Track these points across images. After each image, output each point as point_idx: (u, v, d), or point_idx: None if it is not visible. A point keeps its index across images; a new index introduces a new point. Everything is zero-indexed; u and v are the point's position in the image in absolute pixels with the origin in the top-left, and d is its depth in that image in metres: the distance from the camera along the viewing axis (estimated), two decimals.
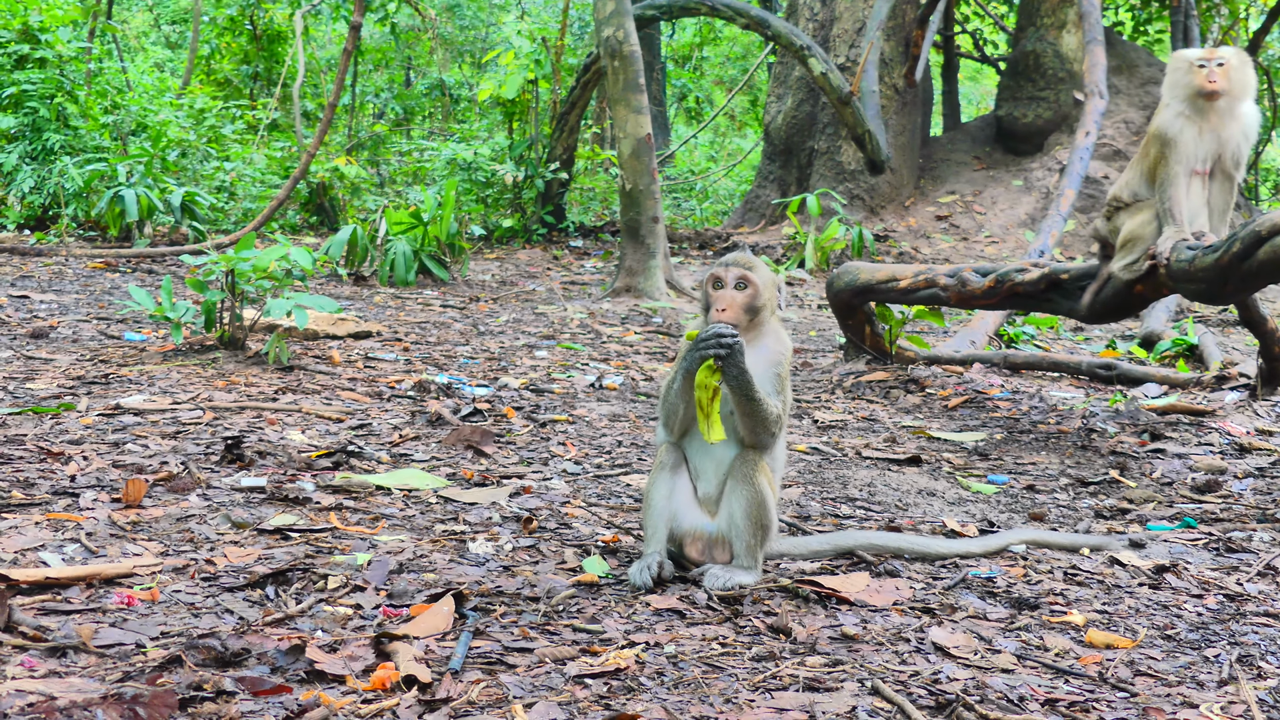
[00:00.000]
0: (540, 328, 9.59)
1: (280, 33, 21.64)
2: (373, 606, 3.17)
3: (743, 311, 3.52)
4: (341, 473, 4.61)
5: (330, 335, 8.20)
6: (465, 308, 10.59)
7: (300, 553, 3.58)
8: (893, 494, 4.92)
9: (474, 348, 8.34)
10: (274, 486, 4.29)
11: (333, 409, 5.86)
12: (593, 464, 5.18)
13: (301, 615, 3.05)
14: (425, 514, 4.17)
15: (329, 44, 25.80)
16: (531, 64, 16.89)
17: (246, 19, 21.67)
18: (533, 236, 16.88)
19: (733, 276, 3.53)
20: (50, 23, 15.21)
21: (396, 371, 7.14)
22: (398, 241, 11.96)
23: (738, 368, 3.39)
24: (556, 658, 2.86)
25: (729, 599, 3.38)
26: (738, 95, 28.21)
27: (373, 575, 3.40)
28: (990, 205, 17.42)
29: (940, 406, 7.01)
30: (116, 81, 16.62)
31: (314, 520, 3.96)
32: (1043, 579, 3.73)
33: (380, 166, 20.00)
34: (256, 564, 3.45)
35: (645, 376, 7.64)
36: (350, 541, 3.76)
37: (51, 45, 15.14)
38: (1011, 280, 6.78)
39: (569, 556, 3.74)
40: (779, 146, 18.45)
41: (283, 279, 7.02)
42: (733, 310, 3.51)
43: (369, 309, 10.04)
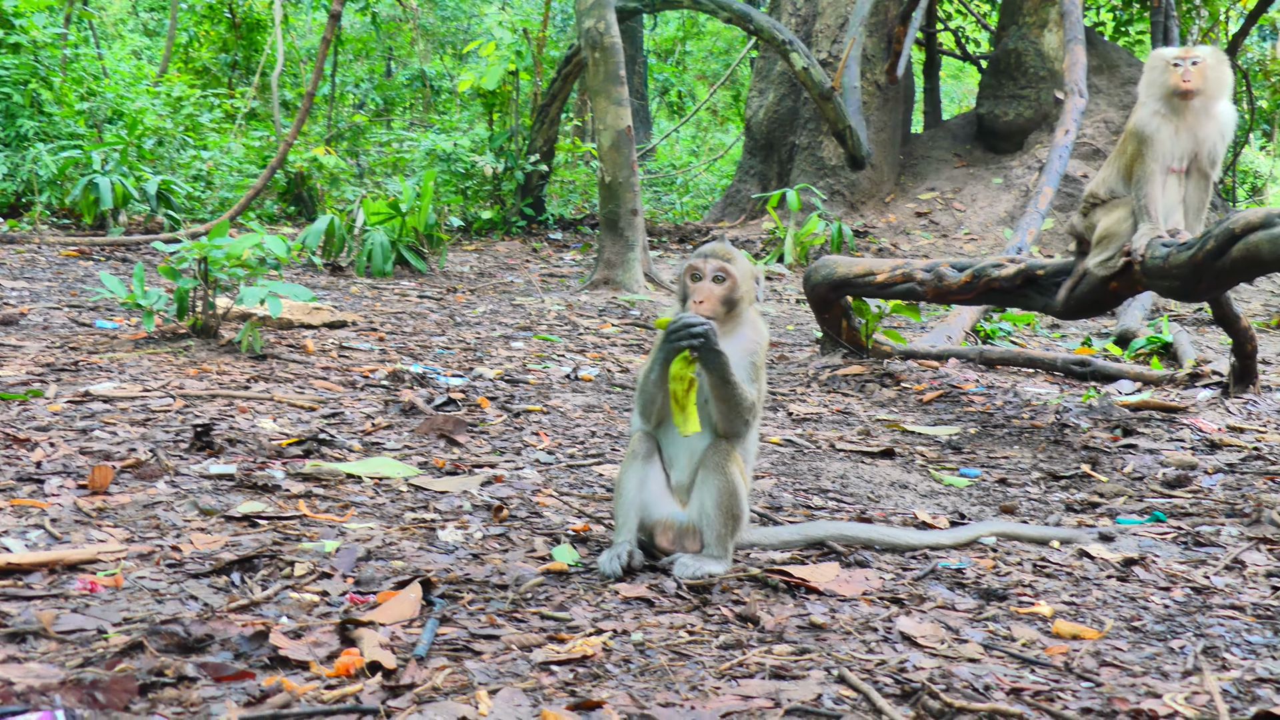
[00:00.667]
0: (517, 319, 9.58)
1: (259, 21, 21.53)
2: (339, 593, 3.16)
3: (720, 303, 3.52)
4: (312, 461, 4.59)
5: (305, 324, 8.17)
6: (442, 299, 10.57)
7: (268, 540, 3.56)
8: (865, 486, 4.93)
9: (450, 338, 8.32)
10: (243, 474, 4.27)
11: (305, 398, 5.84)
12: (566, 454, 5.17)
13: (267, 602, 3.04)
14: (395, 502, 4.16)
15: (309, 33, 25.68)
16: (512, 55, 16.86)
17: (225, 7, 21.56)
18: (512, 229, 16.86)
19: (711, 268, 3.53)
20: (25, 7, 15.09)
21: (371, 361, 7.12)
22: (375, 232, 11.93)
23: (714, 351, 3.40)
24: (523, 644, 2.86)
25: (698, 588, 3.38)
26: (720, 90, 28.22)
27: (340, 562, 3.39)
28: (970, 202, 17.48)
29: (915, 401, 7.03)
30: (92, 68, 16.49)
31: (283, 508, 3.95)
32: (1012, 571, 3.74)
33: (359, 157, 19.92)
34: (223, 551, 3.43)
35: (621, 368, 7.64)
36: (319, 529, 3.74)
37: (26, 30, 15.03)
38: (988, 276, 6.81)
39: (539, 545, 3.74)
40: (760, 141, 18.46)
41: (257, 267, 6.99)
42: (710, 302, 3.51)
43: (345, 299, 10.01)
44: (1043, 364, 8.05)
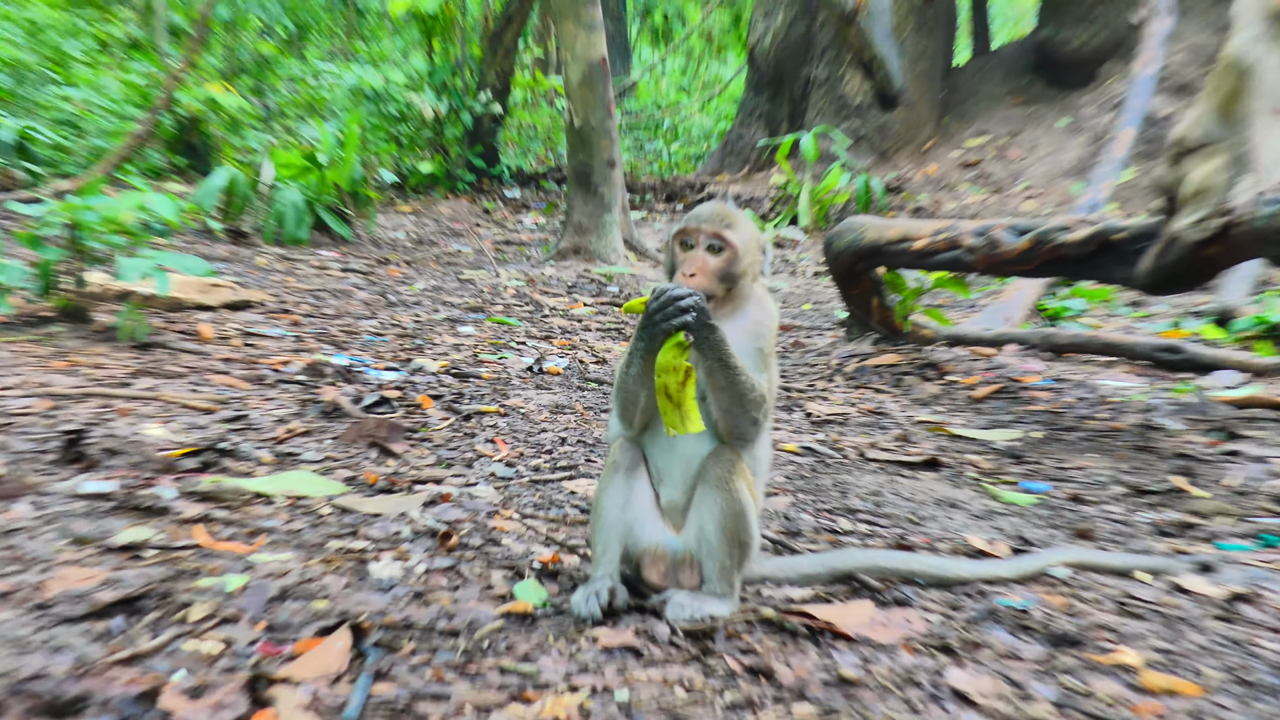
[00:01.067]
0: (465, 297, 9.55)
1: None
2: (248, 642, 3.13)
3: (716, 279, 3.51)
4: (211, 476, 4.57)
5: (200, 305, 8.14)
6: (371, 272, 10.54)
7: (156, 575, 3.54)
8: (904, 504, 4.92)
9: (381, 322, 8.29)
10: (125, 493, 4.25)
11: (201, 397, 5.81)
12: (529, 466, 5.15)
13: (157, 653, 3.02)
14: (316, 527, 4.14)
15: None
16: None
17: None
18: (457, 184, 16.85)
19: (705, 235, 3.53)
20: None
21: (283, 351, 7.09)
22: (287, 189, 11.89)
23: (708, 328, 3.39)
24: (480, 705, 2.84)
25: (697, 633, 3.36)
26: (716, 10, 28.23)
27: (248, 603, 3.36)
28: (1029, 150, 17.52)
29: (965, 397, 7.03)
30: None
31: (175, 535, 3.92)
32: (1089, 609, 3.74)
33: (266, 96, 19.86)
34: (101, 589, 3.40)
35: (597, 358, 7.62)
36: (220, 561, 3.72)
37: None
38: (1054, 240, 6.81)
39: (497, 580, 3.72)
40: (767, 75, 18.47)
41: (140, 234, 6.96)
42: (704, 276, 3.49)
43: (250, 273, 9.97)
44: (1123, 350, 8.06)
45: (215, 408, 5.66)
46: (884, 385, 7.29)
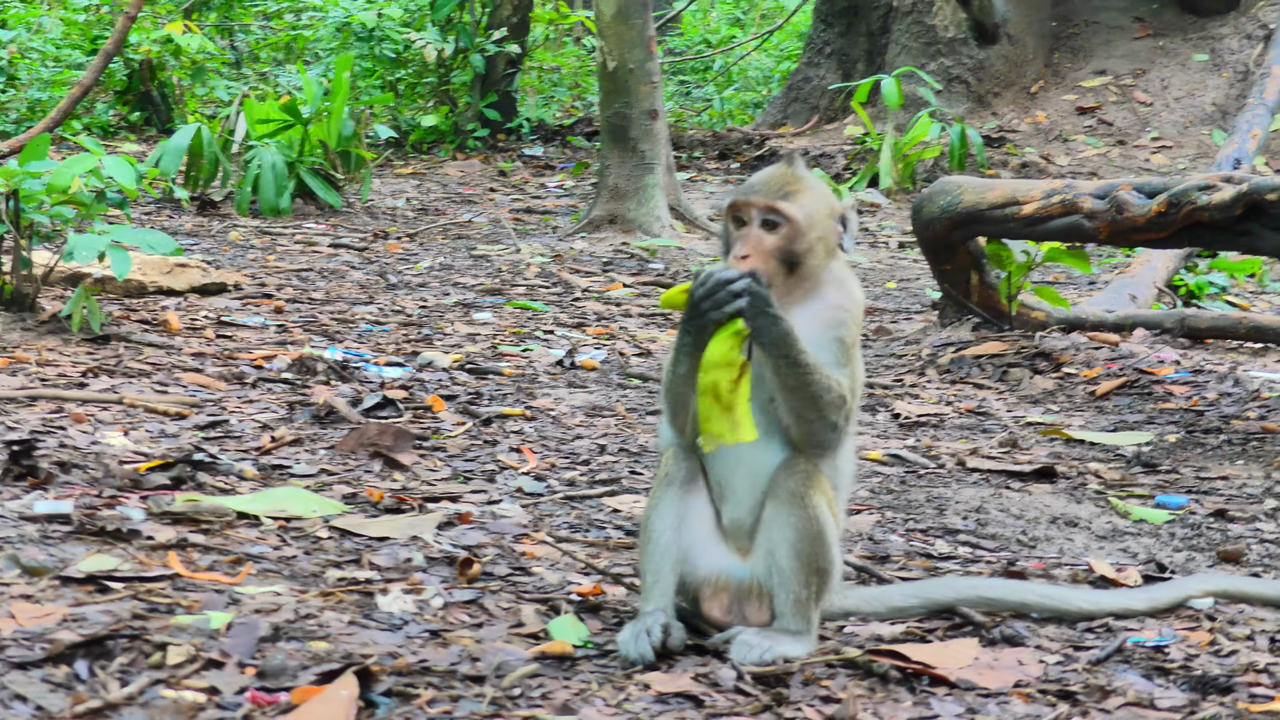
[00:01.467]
0: (480, 278, 9.60)
1: None
2: (235, 691, 3.17)
3: (774, 259, 3.53)
4: (185, 493, 4.61)
5: (165, 289, 8.20)
6: (367, 248, 10.60)
7: (125, 612, 3.59)
8: (1013, 523, 4.94)
9: (381, 308, 8.35)
10: (84, 514, 4.29)
11: (170, 399, 5.87)
12: (562, 480, 5.19)
13: (129, 703, 3.06)
14: (312, 554, 4.19)
15: None
16: None
17: None
18: (468, 141, 16.88)
19: (759, 209, 3.56)
20: None
21: (265, 344, 7.15)
22: (264, 149, 11.95)
23: (769, 318, 3.41)
24: None
25: (769, 678, 3.39)
26: None
27: (235, 644, 3.40)
28: (1159, 91, 17.44)
29: (1084, 393, 7.03)
30: None
31: (145, 564, 3.97)
32: (1238, 648, 3.75)
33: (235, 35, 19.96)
34: (60, 629, 3.45)
35: (639, 350, 7.66)
36: (200, 595, 3.76)
37: None
38: (1192, 203, 6.80)
39: (528, 616, 3.76)
40: (839, 3, 18.45)
41: (92, 204, 7.00)
42: (758, 257, 3.52)
43: (222, 250, 10.05)
44: (1276, 335, 8.04)
45: (187, 412, 5.71)
46: (986, 380, 7.29)
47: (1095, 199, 7.15)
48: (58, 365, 6.32)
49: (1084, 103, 17.47)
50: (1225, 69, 17.40)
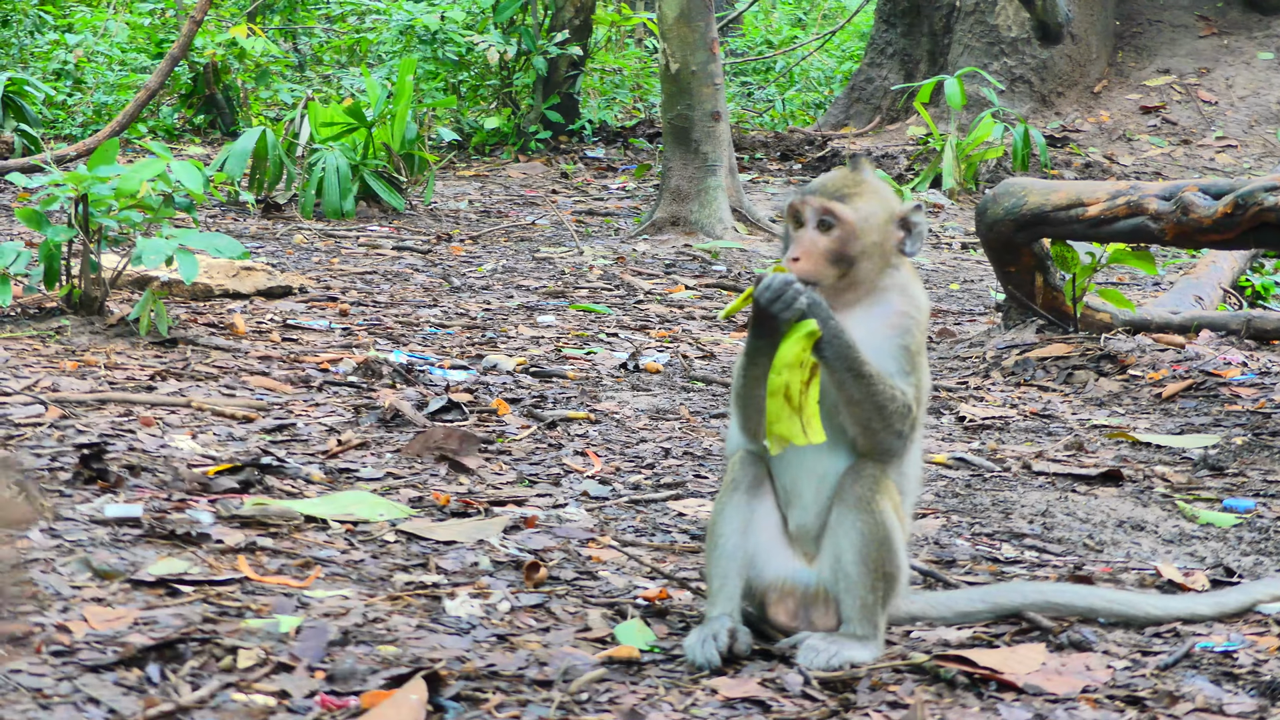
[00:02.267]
0: (543, 280, 9.62)
1: None
2: (305, 694, 3.20)
3: (827, 262, 3.53)
4: (253, 497, 4.65)
5: (231, 293, 8.26)
6: (430, 251, 10.64)
7: (196, 615, 3.62)
8: (1080, 527, 4.92)
9: (445, 311, 8.38)
10: (153, 517, 4.33)
11: (238, 403, 5.90)
12: (627, 484, 5.20)
13: (200, 706, 3.09)
14: (379, 558, 4.21)
15: None
16: None
17: None
18: (530, 143, 16.92)
19: (813, 210, 3.56)
20: None
21: (330, 347, 7.19)
22: (328, 152, 12.01)
23: (832, 331, 3.41)
24: None
25: (836, 684, 3.40)
26: None
27: (304, 648, 3.43)
28: (1225, 90, 17.33)
29: (1150, 395, 6.99)
30: None
31: (215, 567, 4.00)
32: None
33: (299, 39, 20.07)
34: (132, 632, 3.49)
35: (703, 352, 7.66)
36: (270, 599, 3.79)
37: None
38: (1259, 204, 6.76)
39: (595, 620, 3.77)
40: (901, 4, 18.41)
41: (160, 209, 7.06)
42: (811, 260, 3.53)
43: (287, 253, 10.11)
44: None
45: (254, 415, 5.75)
46: (1051, 382, 7.26)
47: (1160, 200, 7.12)
48: (126, 369, 6.37)
49: (1148, 102, 17.38)
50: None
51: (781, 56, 23.89)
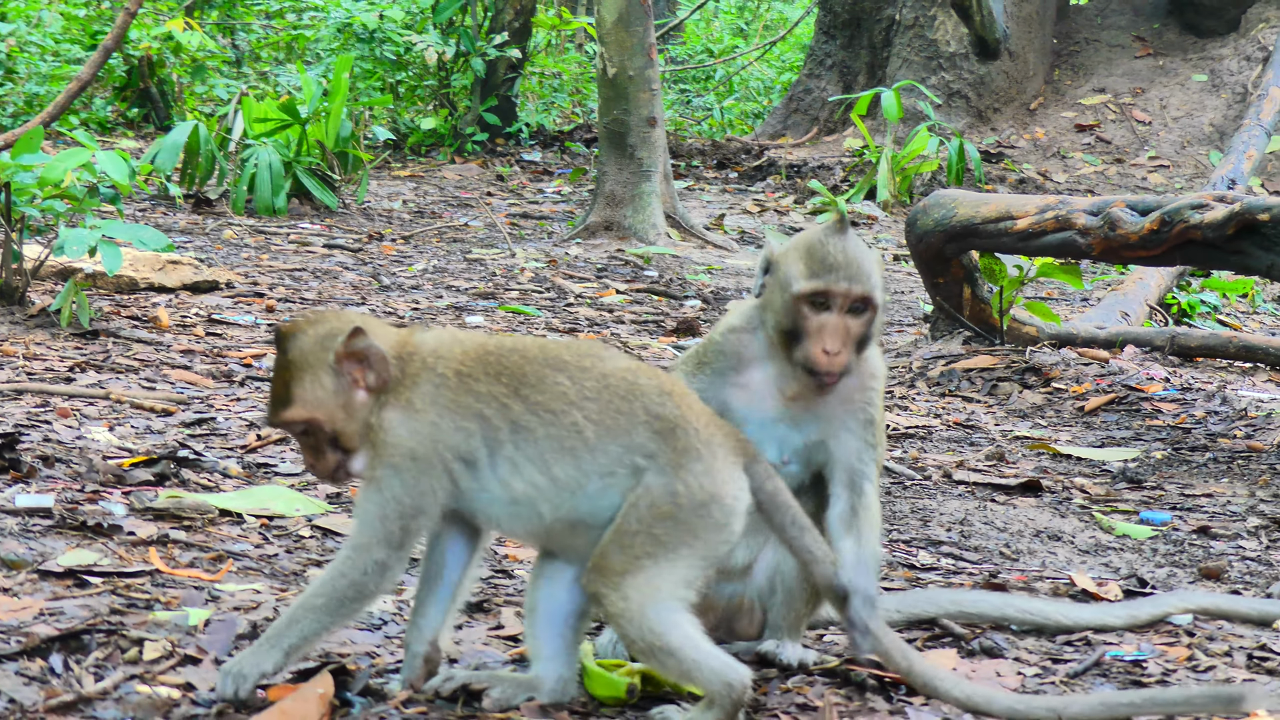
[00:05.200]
0: (474, 281, 9.60)
1: None
2: (211, 687, 3.18)
3: (854, 348, 3.44)
4: (169, 490, 4.62)
5: (156, 286, 8.20)
6: (361, 249, 10.60)
7: (103, 606, 3.59)
8: (997, 536, 4.94)
9: (373, 309, 8.34)
10: (65, 508, 4.30)
11: (157, 396, 5.87)
12: None
13: (103, 698, 3.06)
14: (294, 552, 4.19)
15: None
16: None
17: None
18: (466, 145, 16.89)
19: (849, 298, 3.40)
20: None
21: (255, 342, 7.15)
22: (261, 148, 11.95)
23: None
24: None
25: None
26: None
27: (213, 641, 3.41)
28: (1158, 111, 17.47)
29: (1073, 409, 7.03)
30: None
31: (125, 559, 3.98)
32: (1216, 664, 3.76)
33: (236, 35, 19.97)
34: (36, 622, 3.46)
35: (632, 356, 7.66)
36: (180, 591, 3.77)
37: None
38: (1185, 221, 6.81)
39: (508, 618, 3.77)
40: (841, 16, 18.48)
41: (85, 199, 7.01)
42: (845, 351, 3.40)
43: (216, 248, 10.05)
44: (1266, 354, 8.05)
45: (174, 409, 5.72)
46: (975, 393, 7.30)
47: (1089, 215, 7.17)
48: (45, 359, 6.32)
49: (1083, 120, 17.51)
50: (1224, 90, 17.44)
51: (721, 65, 23.94)
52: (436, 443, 3.09)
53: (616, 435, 3.10)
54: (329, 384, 3.11)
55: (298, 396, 3.12)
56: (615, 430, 3.11)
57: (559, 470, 3.09)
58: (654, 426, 3.12)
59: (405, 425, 3.10)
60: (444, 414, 3.10)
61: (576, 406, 3.12)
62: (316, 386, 3.12)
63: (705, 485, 3.11)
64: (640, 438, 3.11)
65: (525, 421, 3.11)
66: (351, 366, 3.11)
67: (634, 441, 3.11)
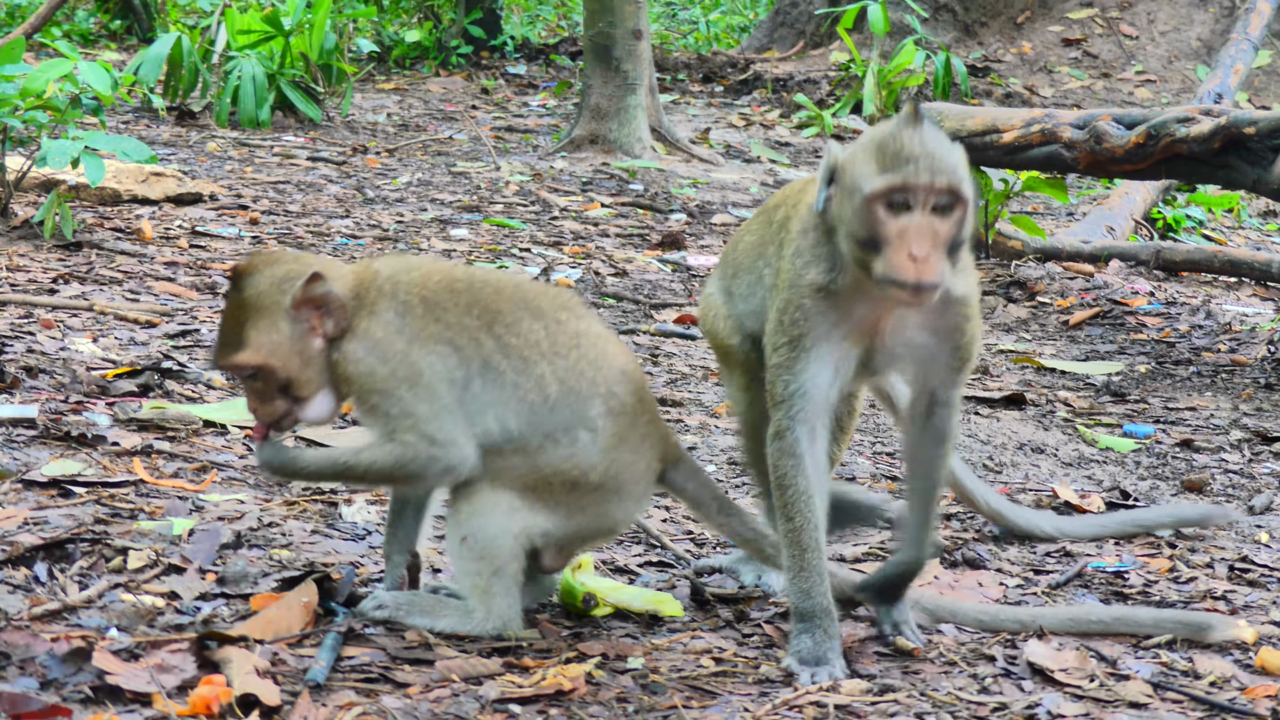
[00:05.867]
0: (459, 194, 9.57)
1: None
2: (195, 596, 3.19)
3: (945, 255, 2.98)
4: (152, 400, 4.62)
5: (139, 198, 8.16)
6: (345, 162, 10.55)
7: (87, 516, 3.60)
8: (980, 448, 4.95)
9: (357, 221, 8.32)
10: (49, 419, 4.29)
11: (141, 307, 5.85)
12: None
13: (88, 606, 3.07)
14: None
15: None
16: None
17: None
18: (451, 58, 16.78)
19: (931, 186, 2.93)
20: None
21: (239, 254, 7.11)
22: (245, 60, 11.87)
23: None
24: (469, 674, 2.90)
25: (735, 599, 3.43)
26: None
27: (196, 550, 3.42)
28: (1146, 25, 17.39)
29: (1058, 323, 7.04)
30: None
31: (109, 470, 3.98)
32: (1197, 575, 3.78)
33: None
34: (20, 532, 3.46)
35: (615, 269, 7.64)
36: (164, 501, 3.77)
37: None
38: (1171, 135, 6.79)
39: None
40: None
41: (68, 110, 6.96)
42: (937, 259, 2.94)
43: (199, 160, 10.00)
44: (1251, 270, 8.05)
45: (157, 320, 5.70)
46: None
47: (1075, 129, 7.15)
48: (28, 271, 6.29)
49: (1070, 34, 17.43)
50: (1212, 4, 17.35)
51: None
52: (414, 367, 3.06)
53: (574, 401, 3.10)
54: (285, 329, 3.06)
55: (250, 340, 3.06)
56: (576, 394, 3.10)
57: (513, 423, 3.08)
58: (609, 404, 3.12)
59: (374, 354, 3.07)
60: (413, 343, 3.07)
61: (547, 359, 3.09)
62: (271, 331, 3.07)
63: (616, 477, 3.13)
64: (594, 411, 3.11)
65: (496, 362, 3.08)
66: (309, 313, 3.07)
67: (587, 413, 3.11)
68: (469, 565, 3.10)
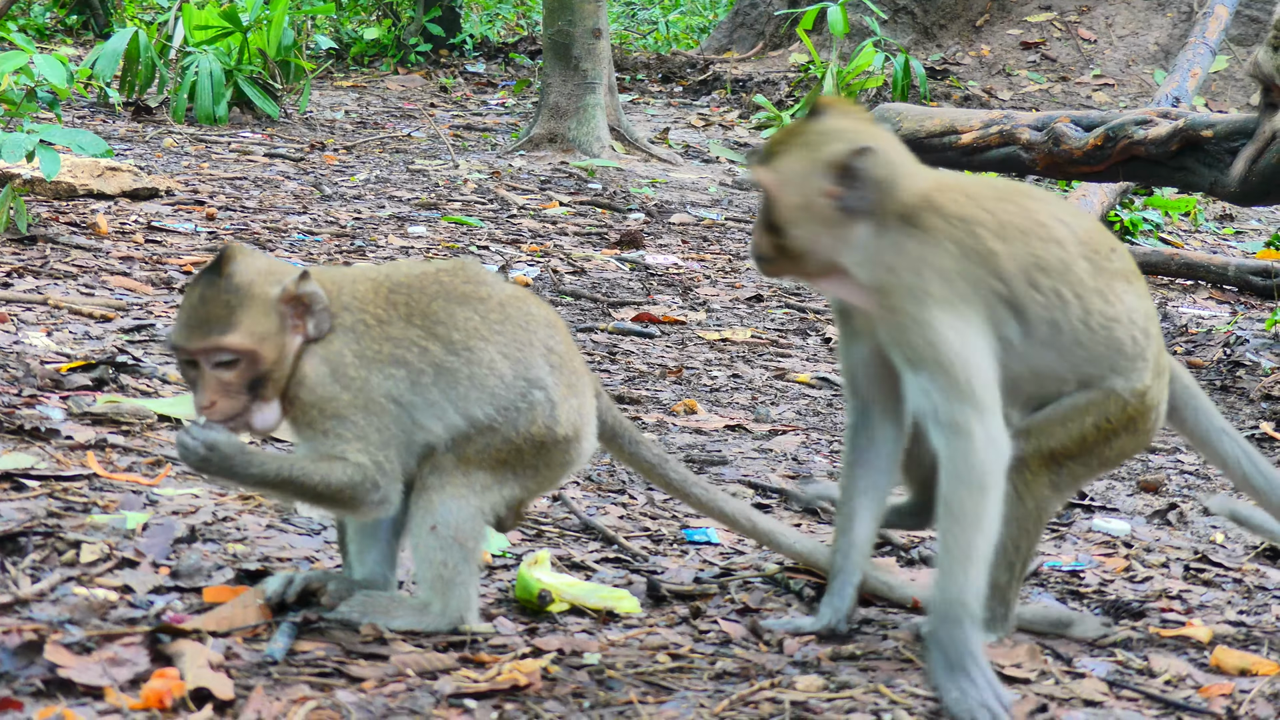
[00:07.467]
0: (417, 191, 9.55)
1: None
2: (149, 590, 3.18)
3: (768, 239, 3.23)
4: (107, 395, 4.60)
5: (96, 193, 8.13)
6: (303, 159, 10.53)
7: (40, 509, 3.58)
8: None
9: (314, 218, 8.30)
10: (2, 412, 4.27)
11: (96, 302, 5.83)
12: None
13: (40, 599, 3.06)
14: None
15: None
16: None
17: None
18: (409, 55, 16.76)
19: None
20: None
21: (195, 250, 7.10)
22: (202, 56, 11.84)
23: None
24: (424, 669, 2.90)
25: (688, 595, 3.43)
26: None
27: (150, 544, 3.40)
28: (1104, 29, 17.48)
29: None
30: None
31: (62, 463, 3.96)
32: (1153, 575, 3.79)
33: None
34: None
35: (574, 268, 7.64)
36: (118, 495, 3.76)
37: None
38: (1128, 137, 6.83)
39: None
40: None
41: (23, 104, 6.94)
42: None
43: (155, 156, 9.96)
44: (1207, 272, 8.10)
45: (112, 315, 5.68)
46: None
47: (1033, 130, 7.18)
48: None
49: (1029, 38, 17.50)
50: (1170, 8, 17.45)
51: None
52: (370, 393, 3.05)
53: (522, 369, 3.12)
54: (273, 321, 3.01)
55: (242, 324, 2.98)
56: (521, 363, 3.12)
57: (478, 411, 3.09)
58: (549, 360, 3.15)
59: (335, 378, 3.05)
60: (369, 366, 3.05)
61: (488, 340, 3.10)
62: (263, 319, 3.01)
63: (575, 422, 3.18)
64: (538, 370, 3.14)
65: (447, 363, 3.08)
66: (293, 309, 3.05)
67: (534, 375, 3.13)
68: (437, 555, 3.08)
